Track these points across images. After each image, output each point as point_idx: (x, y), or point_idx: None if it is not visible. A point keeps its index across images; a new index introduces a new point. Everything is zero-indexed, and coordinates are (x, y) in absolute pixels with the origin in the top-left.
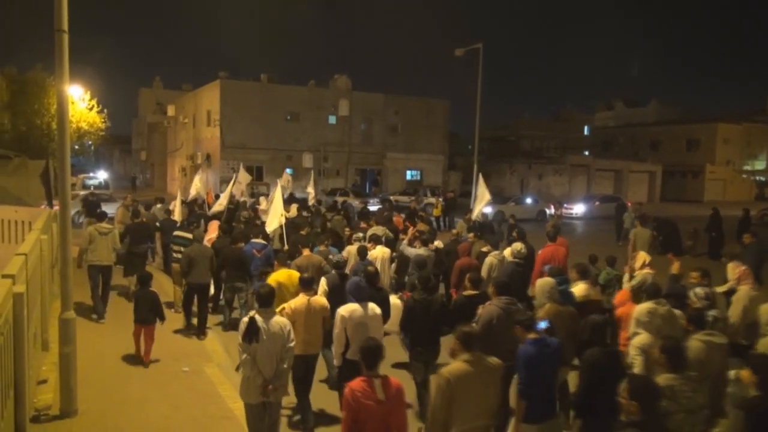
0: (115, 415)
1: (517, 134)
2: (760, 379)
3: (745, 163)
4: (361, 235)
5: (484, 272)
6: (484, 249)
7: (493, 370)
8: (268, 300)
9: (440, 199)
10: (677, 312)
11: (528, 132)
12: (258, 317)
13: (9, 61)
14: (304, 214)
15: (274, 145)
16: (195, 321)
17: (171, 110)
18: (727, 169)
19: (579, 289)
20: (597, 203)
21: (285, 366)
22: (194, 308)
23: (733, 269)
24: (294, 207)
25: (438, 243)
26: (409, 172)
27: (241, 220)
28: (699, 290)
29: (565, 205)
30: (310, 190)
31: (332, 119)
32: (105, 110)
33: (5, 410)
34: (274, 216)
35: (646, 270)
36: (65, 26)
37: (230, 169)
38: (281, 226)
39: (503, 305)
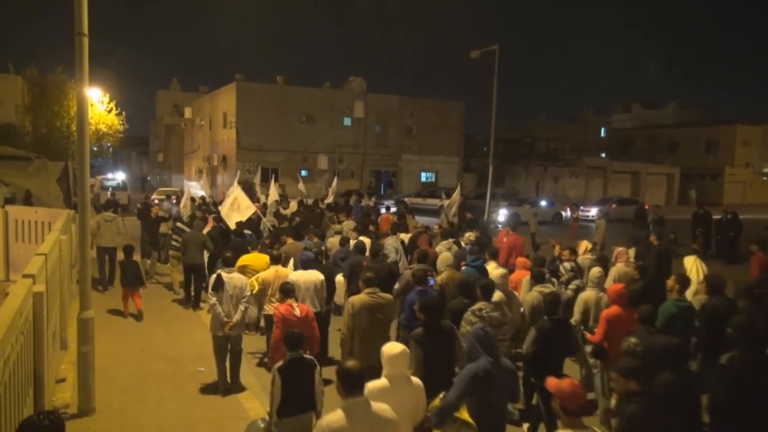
0: (132, 414)
1: (532, 136)
2: (547, 305)
3: (766, 165)
4: (339, 226)
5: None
6: (444, 242)
7: (387, 303)
8: (232, 262)
9: None
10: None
11: (544, 134)
12: (223, 274)
13: (30, 64)
14: (301, 209)
15: (289, 146)
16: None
17: (188, 112)
18: (746, 171)
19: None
20: (614, 206)
21: (242, 308)
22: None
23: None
24: (293, 203)
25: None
26: (423, 174)
27: None
28: (566, 264)
29: (582, 208)
30: (331, 190)
31: (347, 121)
32: (123, 112)
33: (24, 408)
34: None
35: (588, 255)
36: (85, 29)
37: (246, 171)
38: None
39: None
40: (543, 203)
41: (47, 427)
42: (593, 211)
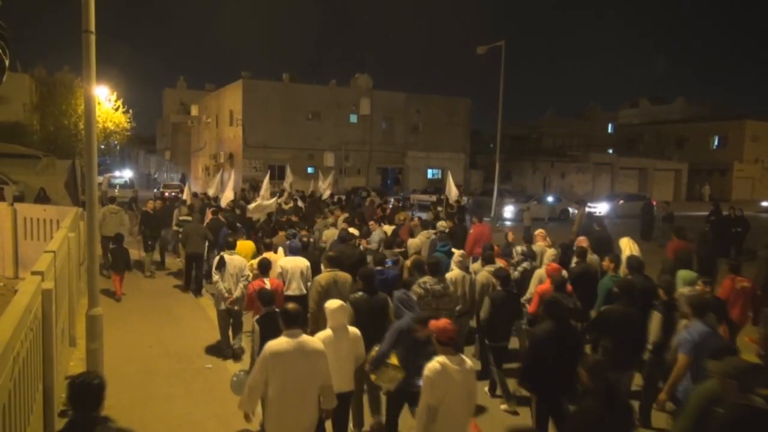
0: (140, 411)
1: (539, 132)
2: (499, 279)
3: None
4: (331, 220)
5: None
6: (424, 232)
7: (346, 280)
8: (233, 246)
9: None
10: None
11: (551, 130)
12: (225, 255)
13: (38, 63)
14: (299, 204)
15: (295, 144)
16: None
17: (194, 110)
18: (756, 166)
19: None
20: (621, 202)
21: (241, 286)
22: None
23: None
24: (292, 200)
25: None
26: (430, 171)
27: (226, 209)
28: (518, 248)
29: (589, 204)
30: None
31: (353, 118)
32: (130, 110)
33: (34, 404)
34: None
35: (540, 243)
36: (92, 27)
37: (252, 168)
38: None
39: (379, 254)
40: (549, 199)
41: (97, 385)
42: (599, 207)
